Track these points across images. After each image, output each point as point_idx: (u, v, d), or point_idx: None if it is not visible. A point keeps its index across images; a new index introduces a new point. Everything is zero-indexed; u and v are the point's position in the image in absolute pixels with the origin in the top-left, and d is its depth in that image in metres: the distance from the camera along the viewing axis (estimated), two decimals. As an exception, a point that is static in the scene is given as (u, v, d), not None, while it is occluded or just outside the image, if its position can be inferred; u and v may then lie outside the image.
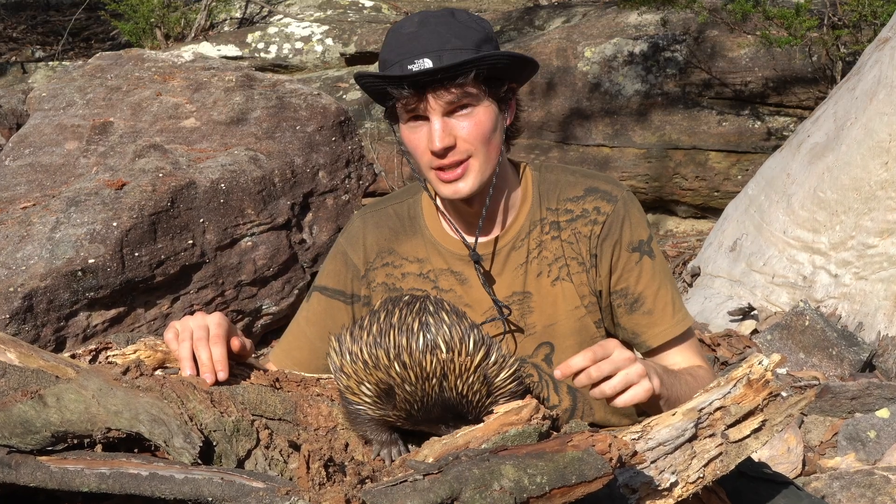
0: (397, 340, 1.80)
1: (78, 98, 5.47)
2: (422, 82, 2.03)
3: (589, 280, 2.21)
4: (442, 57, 2.02)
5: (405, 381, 1.78)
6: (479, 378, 1.79)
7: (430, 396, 1.78)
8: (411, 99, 2.04)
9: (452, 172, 2.10)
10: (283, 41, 9.35)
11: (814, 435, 4.07)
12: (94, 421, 1.67)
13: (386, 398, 1.80)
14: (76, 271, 4.38)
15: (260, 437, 1.74)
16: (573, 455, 1.52)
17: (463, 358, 1.78)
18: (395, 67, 2.05)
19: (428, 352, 1.77)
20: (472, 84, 2.05)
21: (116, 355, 1.92)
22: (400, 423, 1.83)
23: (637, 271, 2.21)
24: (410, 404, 1.78)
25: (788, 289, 5.12)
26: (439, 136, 2.05)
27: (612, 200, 2.21)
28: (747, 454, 1.78)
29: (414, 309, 1.86)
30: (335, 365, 1.88)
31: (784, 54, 7.32)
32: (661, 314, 2.22)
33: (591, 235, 2.20)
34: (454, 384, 1.77)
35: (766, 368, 1.80)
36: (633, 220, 2.22)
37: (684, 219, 7.90)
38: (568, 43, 7.80)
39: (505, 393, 1.83)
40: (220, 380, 1.85)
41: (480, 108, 2.08)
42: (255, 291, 5.05)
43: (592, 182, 2.25)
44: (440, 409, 1.79)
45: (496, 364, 1.83)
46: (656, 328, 2.22)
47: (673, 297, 2.24)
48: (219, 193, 4.87)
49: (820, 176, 5.13)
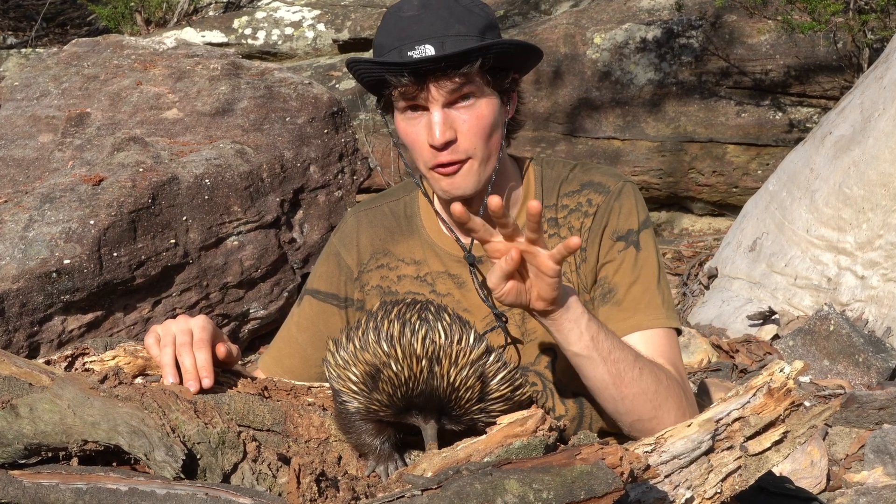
0: (394, 326, 1.80)
1: (52, 87, 5.47)
2: (423, 70, 2.02)
3: (580, 276, 2.21)
4: (445, 44, 2.02)
5: (391, 357, 1.78)
6: (476, 372, 1.79)
7: (416, 380, 1.77)
8: (411, 88, 2.04)
9: (451, 168, 2.10)
10: (271, 27, 9.36)
11: (839, 447, 4.07)
12: (70, 433, 1.67)
13: (371, 382, 1.80)
14: (50, 272, 4.38)
15: (247, 450, 1.74)
16: (582, 469, 1.52)
17: (462, 346, 1.79)
18: (393, 53, 2.05)
19: (422, 334, 1.78)
20: (476, 74, 2.05)
21: (94, 361, 1.93)
22: (382, 412, 1.82)
23: (618, 261, 2.18)
24: (394, 387, 1.78)
25: (812, 291, 5.12)
26: (440, 129, 2.05)
27: (605, 192, 2.21)
28: (768, 468, 1.78)
29: (415, 308, 1.87)
30: (329, 365, 1.88)
31: (807, 41, 7.33)
32: (630, 307, 2.15)
33: (583, 228, 2.20)
34: (447, 370, 1.77)
35: (788, 376, 1.81)
36: (625, 208, 2.20)
37: (700, 217, 7.90)
38: (576, 28, 7.80)
39: (499, 399, 1.83)
40: (204, 387, 1.86)
41: (483, 99, 2.08)
42: (242, 294, 5.05)
43: (589, 176, 2.25)
44: (425, 399, 1.78)
45: (495, 364, 1.83)
46: (624, 322, 2.14)
47: (650, 293, 2.16)
48: (203, 189, 4.87)
49: (845, 171, 5.13)
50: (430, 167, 2.11)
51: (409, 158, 2.17)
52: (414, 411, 1.81)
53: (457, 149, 2.08)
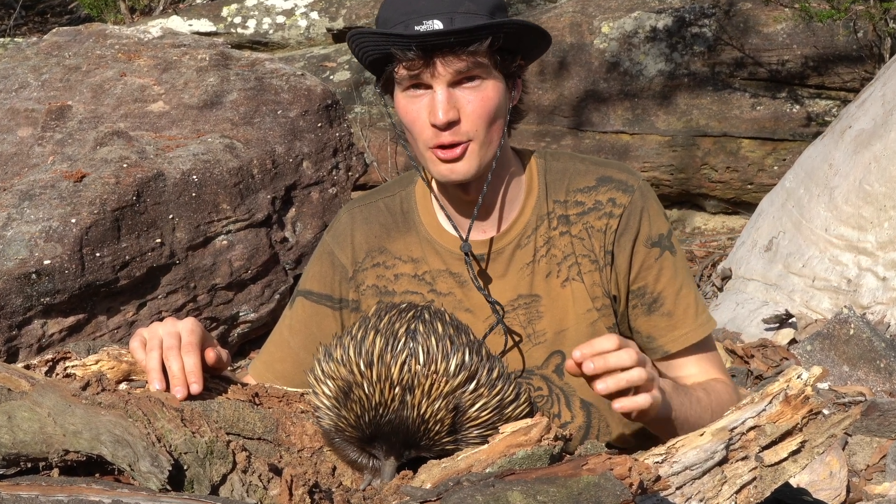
0: (375, 344, 1.80)
1: (32, 79, 5.47)
2: (430, 46, 2.03)
3: (602, 280, 2.21)
4: (454, 20, 2.03)
5: (365, 378, 1.78)
6: (448, 406, 1.79)
7: (386, 407, 1.78)
8: (416, 63, 2.04)
9: (451, 151, 2.10)
10: (262, 15, 9.36)
11: (859, 458, 4.07)
12: (51, 442, 1.67)
13: (343, 399, 1.81)
14: (30, 274, 4.38)
15: (237, 460, 1.74)
16: (589, 480, 1.52)
17: (439, 374, 1.78)
18: (399, 27, 2.05)
19: (402, 358, 1.78)
20: (484, 53, 2.05)
21: (76, 366, 1.92)
22: (348, 433, 1.82)
23: (657, 268, 2.22)
24: (363, 409, 1.79)
25: (831, 293, 5.12)
26: (443, 108, 2.05)
27: (629, 190, 2.22)
28: (785, 479, 1.78)
29: (407, 316, 1.86)
30: (310, 376, 1.89)
31: (826, 29, 7.33)
32: (682, 316, 2.23)
33: (607, 230, 2.21)
34: (418, 401, 1.77)
35: (806, 383, 1.81)
36: (652, 211, 2.23)
37: (713, 215, 7.90)
38: (583, 17, 7.80)
39: (479, 425, 1.82)
40: (192, 393, 1.86)
41: (490, 81, 2.09)
42: (232, 296, 5.05)
43: (605, 170, 2.25)
44: (391, 430, 1.79)
45: (475, 393, 1.82)
46: (676, 331, 2.23)
47: (696, 297, 2.25)
48: (190, 186, 4.87)
49: (866, 166, 5.13)
50: (429, 146, 2.11)
51: (410, 139, 2.17)
52: (377, 443, 1.82)
53: (458, 130, 2.09)
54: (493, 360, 1.89)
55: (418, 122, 2.11)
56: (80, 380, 1.82)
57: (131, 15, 9.92)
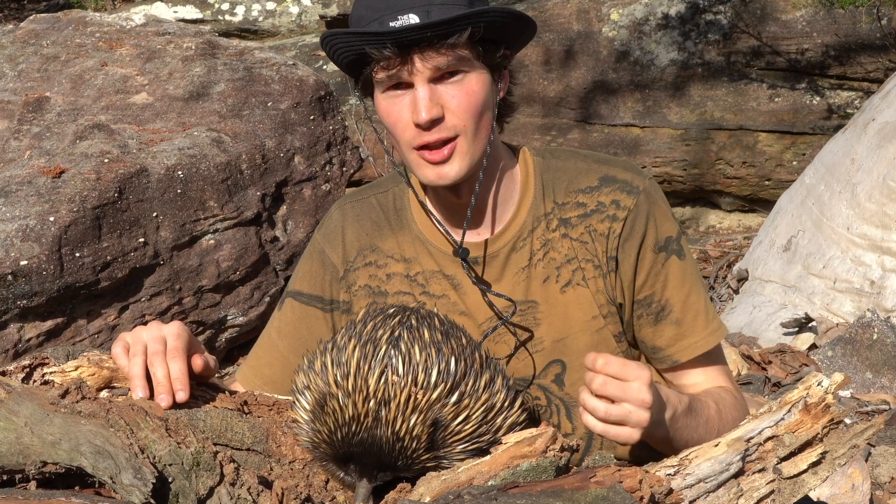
0: (354, 353, 1.80)
1: (8, 69, 5.47)
2: (407, 41, 2.02)
3: (607, 286, 2.21)
4: (430, 12, 2.02)
5: (341, 388, 1.77)
6: (426, 421, 1.77)
7: (359, 423, 1.76)
8: (393, 61, 2.04)
9: (438, 153, 2.09)
10: (251, 1, 9.36)
11: (883, 469, 4.07)
12: (27, 453, 1.67)
13: (319, 412, 1.80)
14: (6, 275, 4.38)
15: (224, 472, 1.74)
16: (597, 493, 1.52)
17: (416, 389, 1.77)
18: (373, 25, 2.05)
19: (379, 369, 1.77)
20: (465, 45, 2.05)
21: (54, 373, 1.92)
22: (323, 447, 1.82)
23: (664, 275, 2.21)
24: (336, 425, 1.78)
25: (853, 296, 5.12)
26: (426, 106, 2.05)
27: (634, 192, 2.21)
28: (804, 492, 1.78)
29: (392, 322, 1.86)
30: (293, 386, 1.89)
31: (847, 17, 7.33)
32: (691, 324, 2.22)
33: (611, 234, 2.20)
34: (393, 416, 1.76)
35: (827, 390, 1.81)
36: (659, 214, 2.22)
37: (729, 212, 7.91)
38: (591, 3, 7.81)
39: (458, 443, 1.81)
40: (178, 401, 1.85)
41: (473, 74, 2.09)
42: (219, 299, 5.06)
43: (608, 169, 2.25)
44: (364, 447, 1.77)
45: (459, 405, 1.80)
46: (685, 340, 2.23)
47: (706, 304, 2.25)
48: (175, 182, 4.87)
49: (891, 161, 5.13)
50: (414, 147, 2.10)
51: (395, 143, 2.16)
52: (351, 463, 1.81)
53: (444, 126, 2.08)
54: (488, 366, 1.88)
55: (401, 122, 2.10)
56: (59, 387, 1.82)
57: (113, 1, 9.92)
